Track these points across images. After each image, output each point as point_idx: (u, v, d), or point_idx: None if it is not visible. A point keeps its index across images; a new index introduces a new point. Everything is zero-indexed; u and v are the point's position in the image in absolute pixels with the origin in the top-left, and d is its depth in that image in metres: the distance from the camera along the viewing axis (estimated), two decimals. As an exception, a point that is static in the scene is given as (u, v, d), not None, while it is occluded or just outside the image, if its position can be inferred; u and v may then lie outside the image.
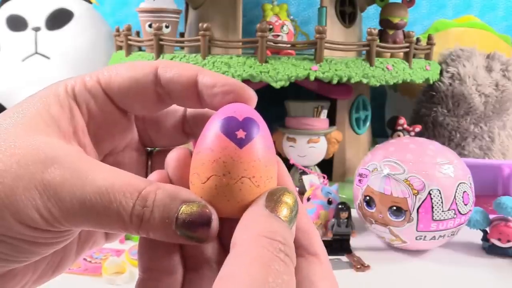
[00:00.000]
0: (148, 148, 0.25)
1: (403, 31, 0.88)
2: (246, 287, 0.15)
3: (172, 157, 0.20)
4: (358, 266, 0.59)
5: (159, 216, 0.18)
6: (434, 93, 0.93)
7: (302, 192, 0.72)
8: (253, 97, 0.21)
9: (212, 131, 0.19)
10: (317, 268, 0.19)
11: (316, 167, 0.84)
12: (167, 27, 0.81)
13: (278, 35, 0.81)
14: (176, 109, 0.24)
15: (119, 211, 0.18)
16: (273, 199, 0.18)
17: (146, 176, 0.24)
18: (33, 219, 0.17)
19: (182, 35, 0.99)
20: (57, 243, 0.19)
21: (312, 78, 0.72)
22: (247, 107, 0.20)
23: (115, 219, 0.18)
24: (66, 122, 0.20)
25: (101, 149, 0.22)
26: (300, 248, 0.19)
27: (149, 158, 0.24)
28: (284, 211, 0.18)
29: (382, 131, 1.07)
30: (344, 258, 0.61)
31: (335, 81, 0.73)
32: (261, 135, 0.19)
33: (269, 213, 0.18)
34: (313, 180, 0.75)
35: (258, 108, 0.21)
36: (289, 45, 0.77)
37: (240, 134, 0.18)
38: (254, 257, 0.16)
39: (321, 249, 0.20)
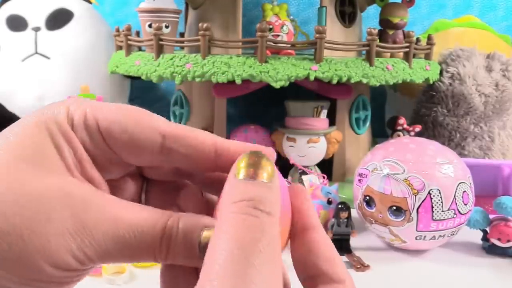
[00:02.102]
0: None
1: (403, 31, 0.87)
2: (226, 254, 0.16)
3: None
4: (358, 266, 0.59)
5: (183, 243, 0.19)
6: (434, 93, 0.93)
7: (302, 192, 0.72)
8: (272, 155, 0.21)
9: None
10: None
11: (316, 167, 0.84)
12: (167, 27, 0.81)
13: (278, 35, 0.81)
14: None
15: (150, 244, 0.19)
16: (241, 166, 0.18)
17: (140, 199, 0.23)
18: (67, 262, 0.18)
19: (182, 35, 0.99)
20: (82, 278, 0.20)
21: (312, 78, 0.72)
22: None
23: (146, 252, 0.19)
24: (71, 156, 0.19)
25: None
26: (325, 275, 0.19)
27: (144, 181, 0.24)
28: (257, 172, 0.18)
29: (382, 131, 1.07)
30: (344, 258, 0.61)
31: (335, 81, 0.73)
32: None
33: (238, 180, 0.18)
34: (313, 180, 0.75)
35: (258, 108, 0.21)
36: (289, 45, 0.77)
37: None
38: (230, 224, 0.16)
39: (347, 275, 0.20)
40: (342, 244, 0.63)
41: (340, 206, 0.63)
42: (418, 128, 0.88)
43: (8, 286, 0.17)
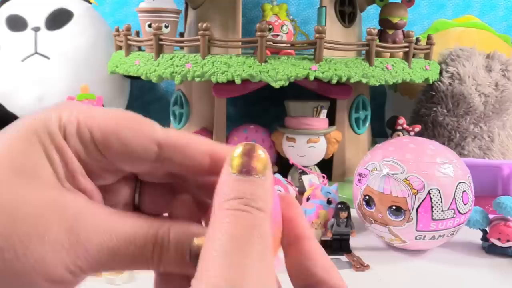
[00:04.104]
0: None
1: (402, 31, 0.88)
2: (221, 247, 0.16)
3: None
4: (358, 266, 0.59)
5: (174, 252, 0.19)
6: (433, 93, 0.93)
7: (301, 192, 0.72)
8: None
9: None
10: None
11: (315, 167, 0.84)
12: (166, 27, 0.81)
13: (278, 35, 0.81)
14: None
15: (142, 254, 0.19)
16: (235, 159, 0.18)
17: (134, 200, 0.23)
18: (62, 275, 0.18)
19: (181, 35, 0.99)
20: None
21: (311, 78, 0.72)
22: None
23: (139, 261, 0.19)
24: (63, 168, 0.19)
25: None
26: (320, 284, 0.19)
27: (138, 183, 0.23)
28: (250, 166, 0.18)
29: (381, 131, 1.07)
30: (343, 258, 0.61)
31: (334, 81, 0.73)
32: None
33: (231, 176, 0.18)
34: (313, 180, 0.75)
35: (258, 108, 0.21)
36: (288, 45, 0.77)
37: None
38: (224, 220, 0.17)
39: (342, 282, 0.20)
40: (342, 244, 0.63)
41: (339, 206, 0.62)
42: (418, 128, 0.88)
43: None
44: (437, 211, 0.58)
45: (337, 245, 0.63)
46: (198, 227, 0.20)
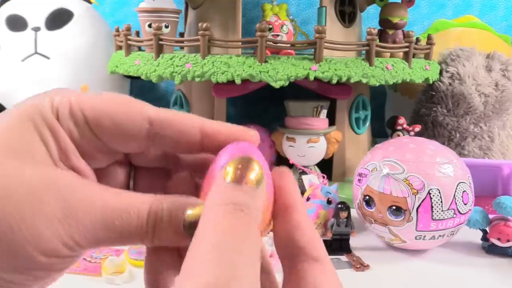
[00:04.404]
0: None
1: (402, 31, 0.88)
2: (210, 248, 0.16)
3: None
4: (358, 266, 0.59)
5: (168, 223, 0.19)
6: (433, 93, 0.93)
7: (301, 192, 0.72)
8: (255, 138, 0.22)
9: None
10: (321, 273, 0.19)
11: (315, 166, 0.84)
12: (166, 27, 0.81)
13: (278, 35, 0.81)
14: None
15: (137, 227, 0.19)
16: (231, 170, 0.18)
17: (128, 186, 0.24)
18: (57, 248, 0.18)
19: (181, 35, 0.99)
20: (71, 265, 0.20)
21: (311, 78, 0.72)
22: (247, 147, 0.20)
23: (134, 235, 0.19)
24: (56, 147, 0.20)
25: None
26: (303, 253, 0.19)
27: (132, 169, 0.24)
28: (245, 177, 0.18)
29: (381, 131, 1.07)
30: (343, 258, 0.61)
31: (334, 81, 0.73)
32: None
33: (226, 184, 0.18)
34: (313, 180, 0.75)
35: (258, 108, 0.21)
36: (288, 45, 0.77)
37: None
38: (213, 220, 0.17)
39: (325, 255, 0.20)
40: (342, 244, 0.63)
41: (339, 206, 0.62)
42: (418, 128, 0.88)
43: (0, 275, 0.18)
44: (437, 211, 0.58)
45: (337, 245, 0.63)
46: (192, 198, 0.20)
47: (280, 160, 0.86)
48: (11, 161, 0.18)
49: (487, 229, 0.63)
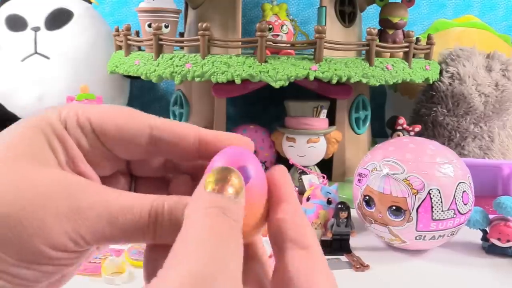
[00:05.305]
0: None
1: (402, 30, 0.88)
2: (196, 241, 0.17)
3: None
4: (358, 266, 0.59)
5: (168, 221, 0.20)
6: (433, 93, 0.93)
7: (301, 192, 0.72)
8: (250, 145, 0.23)
9: None
10: (307, 260, 0.19)
11: (315, 167, 0.84)
12: (166, 27, 0.81)
13: (278, 35, 0.81)
14: None
15: (139, 225, 0.20)
16: (210, 181, 0.19)
17: None
18: (64, 243, 0.19)
19: (181, 35, 0.99)
20: (79, 261, 0.21)
21: (311, 78, 0.72)
22: (242, 152, 0.21)
23: (136, 232, 0.20)
24: (64, 154, 0.21)
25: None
26: (289, 241, 0.20)
27: (133, 180, 0.25)
28: (224, 190, 0.19)
29: (381, 131, 1.07)
30: (343, 258, 0.61)
31: (334, 81, 0.73)
32: (252, 183, 0.20)
33: (209, 192, 0.19)
34: (313, 180, 0.75)
35: (258, 108, 0.22)
36: (288, 45, 0.77)
37: None
38: (198, 219, 0.18)
39: (313, 241, 0.20)
40: (342, 244, 0.63)
41: (339, 206, 0.62)
42: (418, 128, 0.88)
43: (7, 268, 0.18)
44: (437, 211, 0.57)
45: (337, 245, 0.63)
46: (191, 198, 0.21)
47: (280, 160, 0.86)
48: (23, 164, 0.20)
49: (487, 229, 0.63)
